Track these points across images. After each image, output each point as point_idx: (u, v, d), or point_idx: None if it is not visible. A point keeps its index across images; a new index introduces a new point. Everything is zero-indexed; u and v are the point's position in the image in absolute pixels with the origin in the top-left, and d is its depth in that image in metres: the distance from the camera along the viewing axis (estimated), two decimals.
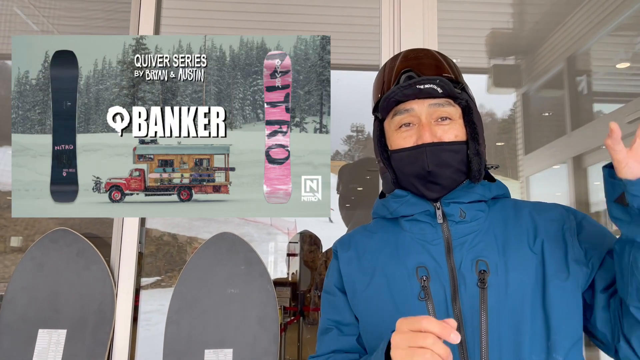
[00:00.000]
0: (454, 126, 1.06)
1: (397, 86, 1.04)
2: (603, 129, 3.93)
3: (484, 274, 0.99)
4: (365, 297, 1.08)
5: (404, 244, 1.09)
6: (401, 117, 1.06)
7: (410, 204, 1.09)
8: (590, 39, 3.80)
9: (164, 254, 6.92)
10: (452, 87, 1.04)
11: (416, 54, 1.11)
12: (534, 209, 1.09)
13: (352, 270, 1.12)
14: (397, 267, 1.06)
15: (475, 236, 1.05)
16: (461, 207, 1.06)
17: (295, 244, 4.71)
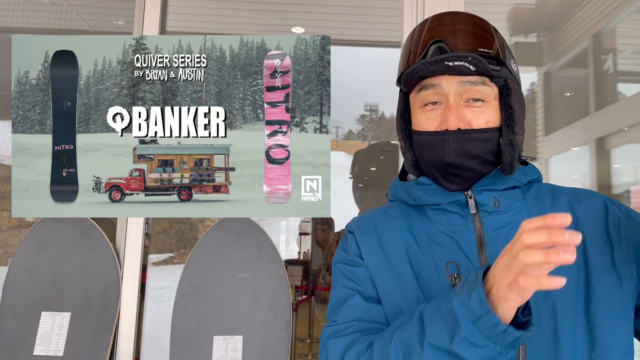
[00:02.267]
0: (487, 109, 0.91)
1: (422, 61, 0.90)
2: (628, 111, 3.81)
3: None
4: (390, 291, 0.96)
5: (431, 236, 0.96)
6: (427, 92, 0.92)
7: (436, 193, 0.96)
8: (617, 16, 3.67)
9: (176, 232, 6.93)
10: (487, 65, 0.88)
11: (451, 18, 0.94)
12: (574, 196, 0.96)
13: (375, 259, 0.99)
14: (424, 262, 0.94)
15: (510, 229, 0.92)
16: (495, 195, 0.93)
17: (307, 223, 4.70)
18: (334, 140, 10.15)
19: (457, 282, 0.91)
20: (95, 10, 3.41)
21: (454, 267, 0.92)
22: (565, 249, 0.64)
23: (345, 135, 8.80)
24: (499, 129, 0.92)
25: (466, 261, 0.92)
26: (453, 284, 0.91)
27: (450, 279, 0.91)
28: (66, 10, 3.34)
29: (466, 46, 0.90)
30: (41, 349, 1.75)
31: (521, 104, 0.94)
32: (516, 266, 0.67)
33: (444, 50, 0.90)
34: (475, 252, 0.92)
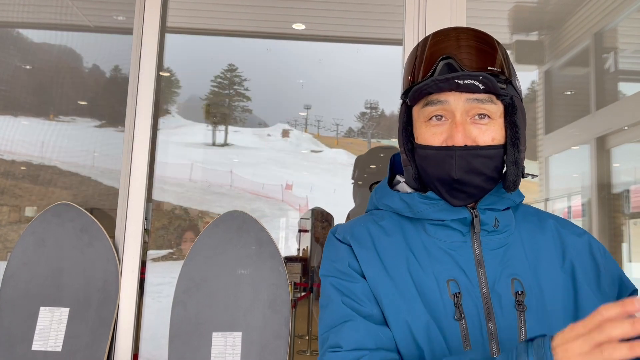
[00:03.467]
0: (493, 127, 0.91)
1: (432, 78, 0.89)
2: (629, 110, 3.80)
3: (521, 295, 0.89)
4: (397, 310, 0.91)
5: (429, 251, 0.94)
6: (433, 108, 0.91)
7: (442, 209, 0.94)
8: (619, 15, 3.66)
9: (175, 228, 6.92)
10: (496, 84, 0.88)
11: (458, 34, 0.93)
12: (558, 221, 1.00)
13: (377, 276, 0.94)
14: (426, 279, 0.92)
15: (506, 250, 0.93)
16: (496, 215, 0.94)
17: (307, 220, 4.70)
18: (334, 138, 10.14)
19: (459, 302, 0.89)
20: (95, 5, 3.40)
21: (454, 285, 0.91)
22: None
23: (346, 132, 8.79)
24: (504, 147, 0.92)
25: (465, 279, 0.91)
26: (457, 303, 0.89)
27: (452, 297, 0.90)
28: (66, 5, 3.33)
29: (475, 64, 0.89)
30: (40, 344, 1.75)
31: (524, 122, 0.95)
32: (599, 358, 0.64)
33: (453, 67, 0.89)
34: (474, 271, 0.92)
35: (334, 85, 4.88)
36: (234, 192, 8.52)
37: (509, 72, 0.92)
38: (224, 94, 7.45)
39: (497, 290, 0.90)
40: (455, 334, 0.89)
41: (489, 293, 0.90)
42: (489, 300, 0.89)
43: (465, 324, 0.88)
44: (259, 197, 8.97)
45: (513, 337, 0.87)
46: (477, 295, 0.90)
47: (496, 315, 0.88)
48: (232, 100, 7.50)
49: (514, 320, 0.88)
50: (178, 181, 6.73)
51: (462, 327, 0.89)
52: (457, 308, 0.89)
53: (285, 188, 8.19)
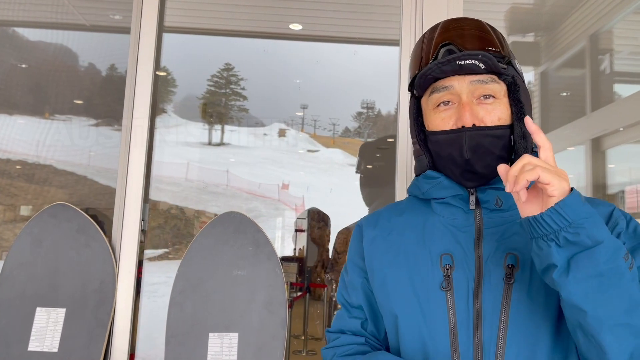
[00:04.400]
0: (498, 106, 0.95)
1: (435, 62, 0.93)
2: (624, 111, 3.82)
3: (512, 268, 0.91)
4: (385, 279, 1.02)
5: (432, 228, 1.01)
6: (439, 94, 0.96)
7: (442, 187, 1.00)
8: (614, 17, 3.67)
9: (172, 227, 6.91)
10: (497, 63, 0.92)
11: (458, 23, 0.99)
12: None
13: (375, 249, 1.06)
14: (421, 252, 1.00)
15: (510, 226, 0.96)
16: (499, 194, 0.96)
17: (303, 220, 4.70)
18: (330, 137, 10.12)
19: (449, 273, 0.95)
20: (92, 4, 3.39)
21: (448, 258, 0.96)
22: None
23: (342, 132, 8.78)
24: (510, 127, 0.95)
25: (461, 253, 0.96)
26: (446, 275, 0.95)
27: (442, 269, 0.96)
28: (62, 3, 3.32)
29: (475, 46, 0.94)
30: (36, 345, 1.75)
31: (528, 99, 0.98)
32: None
33: (453, 51, 0.94)
34: (472, 246, 0.96)
35: (331, 85, 4.88)
36: (230, 192, 8.52)
37: (508, 53, 0.97)
38: (220, 93, 7.43)
39: (489, 265, 0.93)
40: (440, 303, 0.94)
41: (482, 267, 0.93)
42: (481, 274, 0.93)
43: (451, 295, 0.93)
44: (256, 196, 8.97)
45: (496, 308, 0.90)
46: (471, 270, 0.94)
47: (484, 289, 0.92)
48: (228, 100, 7.48)
49: (500, 292, 0.91)
50: (174, 180, 6.72)
51: (447, 297, 0.94)
52: (446, 279, 0.94)
53: (281, 188, 8.19)
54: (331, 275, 4.01)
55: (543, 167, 0.77)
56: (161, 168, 2.91)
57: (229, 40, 4.14)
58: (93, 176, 3.46)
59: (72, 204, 1.93)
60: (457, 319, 0.92)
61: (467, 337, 0.90)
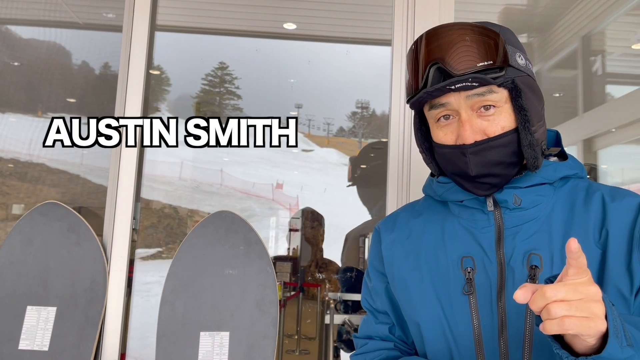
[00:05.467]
0: (500, 115, 0.90)
1: (424, 91, 0.89)
2: (616, 112, 3.84)
3: (535, 269, 0.89)
4: (406, 285, 1.01)
5: (451, 230, 0.99)
6: (437, 111, 0.93)
7: (457, 190, 0.98)
8: (607, 18, 3.69)
9: (165, 227, 6.89)
10: (489, 79, 0.87)
11: (444, 37, 0.90)
12: (609, 193, 0.94)
13: (395, 254, 1.05)
14: (441, 255, 0.98)
15: (531, 225, 0.93)
16: (516, 192, 0.93)
17: (297, 220, 4.69)
18: (324, 137, 10.12)
19: (471, 276, 0.93)
20: (84, 2, 3.38)
21: (469, 261, 0.94)
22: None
23: (337, 132, 8.79)
24: (516, 130, 0.91)
25: (482, 255, 0.94)
26: (467, 278, 0.93)
27: (464, 272, 0.94)
28: (56, 1, 3.31)
29: (465, 65, 0.87)
30: (26, 344, 1.74)
31: (535, 96, 0.93)
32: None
33: (443, 71, 0.88)
34: (493, 248, 0.94)
35: (325, 84, 4.89)
36: (224, 191, 8.49)
37: (506, 55, 0.90)
38: (214, 92, 7.41)
39: (512, 266, 0.91)
40: (463, 307, 0.92)
41: (505, 268, 0.91)
42: (503, 275, 0.91)
43: (474, 298, 0.92)
44: (249, 196, 8.95)
45: (520, 312, 0.88)
46: (493, 271, 0.92)
47: (507, 290, 0.90)
48: (222, 99, 7.47)
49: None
50: (168, 180, 6.69)
51: (471, 301, 0.92)
52: (468, 283, 0.92)
53: (275, 187, 8.17)
54: (324, 275, 4.02)
55: (571, 312, 0.65)
56: (154, 167, 2.91)
57: (223, 39, 4.13)
58: (86, 175, 3.44)
59: (64, 202, 1.92)
60: (482, 323, 0.90)
61: (492, 341, 0.89)
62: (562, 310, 0.65)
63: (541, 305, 0.66)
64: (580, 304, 0.66)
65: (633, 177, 4.12)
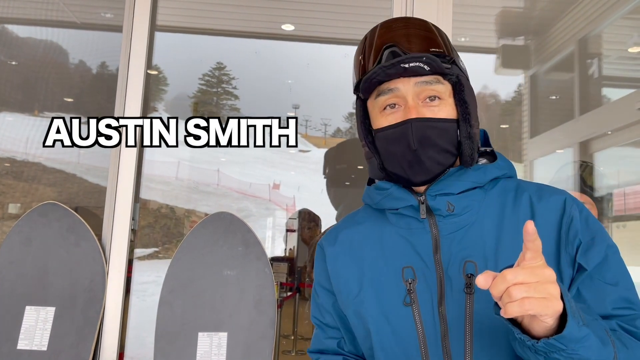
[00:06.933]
0: (444, 107, 0.93)
1: (379, 66, 0.91)
2: (612, 115, 3.86)
3: (470, 277, 0.90)
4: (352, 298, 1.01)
5: (390, 240, 0.99)
6: (385, 97, 0.94)
7: (393, 198, 0.98)
8: (603, 21, 3.71)
9: (161, 227, 6.88)
10: (441, 64, 0.91)
11: (400, 23, 0.97)
12: (535, 193, 0.96)
13: (339, 267, 1.05)
14: (382, 266, 0.98)
15: (466, 231, 0.94)
16: (449, 199, 0.94)
17: (294, 220, 4.69)
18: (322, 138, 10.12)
19: (412, 287, 0.93)
20: (83, 1, 3.38)
21: (409, 271, 0.95)
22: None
23: (333, 132, 8.79)
24: (457, 122, 0.94)
25: (422, 264, 0.95)
26: (408, 289, 0.93)
27: (405, 283, 0.94)
28: (54, 1, 3.30)
29: (419, 47, 0.92)
30: (25, 343, 1.74)
31: (473, 99, 0.97)
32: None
33: (397, 54, 0.92)
34: (430, 255, 0.94)
35: (323, 85, 4.89)
36: (220, 191, 8.49)
37: (451, 52, 0.96)
38: (212, 92, 7.40)
39: (449, 274, 0.92)
40: (407, 318, 0.93)
41: (443, 276, 0.92)
42: (442, 284, 0.92)
43: (417, 308, 0.92)
44: (246, 196, 8.95)
45: (460, 319, 0.89)
46: (433, 280, 0.93)
47: (447, 299, 0.91)
48: (220, 99, 7.46)
49: (462, 302, 0.90)
50: (164, 179, 6.68)
51: (413, 311, 0.93)
52: (409, 294, 0.93)
53: (272, 187, 8.17)
54: None
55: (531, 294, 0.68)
56: (152, 167, 2.91)
57: (221, 40, 4.13)
58: (82, 174, 3.43)
59: (61, 202, 1.92)
60: (426, 332, 0.91)
61: (436, 351, 0.90)
62: (521, 292, 0.68)
63: (502, 289, 0.69)
64: (538, 285, 0.69)
65: (629, 179, 4.14)
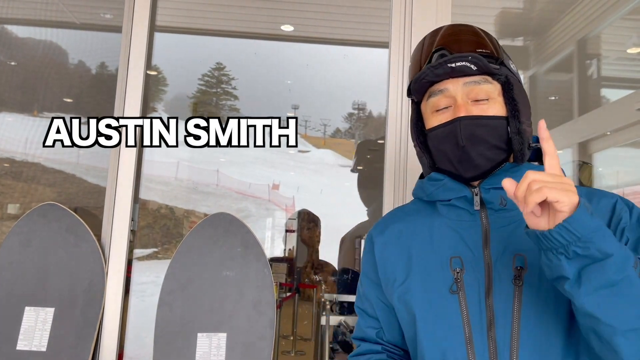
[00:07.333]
0: (493, 105, 0.97)
1: (428, 66, 0.97)
2: (611, 115, 3.87)
3: (520, 270, 0.93)
4: (398, 285, 1.04)
5: (439, 231, 1.03)
6: (436, 98, 1.00)
7: (446, 189, 1.02)
8: (603, 22, 3.71)
9: (161, 227, 6.89)
10: (487, 63, 0.95)
11: (449, 29, 1.02)
12: (586, 195, 0.97)
13: (387, 256, 1.09)
14: (431, 255, 1.01)
15: (516, 227, 0.96)
16: (502, 194, 0.97)
17: (294, 221, 4.70)
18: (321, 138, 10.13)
19: (459, 276, 0.96)
20: (82, 2, 3.38)
21: (457, 261, 0.98)
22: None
23: (333, 133, 8.79)
24: (506, 119, 0.97)
25: (470, 255, 0.98)
26: (456, 278, 0.96)
27: (453, 272, 0.97)
28: (53, 1, 3.30)
29: (467, 48, 0.96)
30: (24, 344, 1.74)
31: (524, 98, 1.00)
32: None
33: (445, 55, 0.97)
34: (480, 247, 0.97)
35: (322, 86, 4.89)
36: (220, 192, 8.50)
37: (500, 54, 0.99)
38: (211, 92, 7.41)
39: (498, 266, 0.95)
40: (453, 305, 0.95)
41: (492, 269, 0.95)
42: (490, 275, 0.94)
43: (463, 296, 0.95)
44: (246, 196, 8.96)
45: (507, 310, 0.91)
46: (481, 271, 0.96)
47: (495, 290, 0.93)
48: (219, 99, 7.47)
49: (511, 294, 0.92)
50: (164, 179, 6.68)
51: (460, 300, 0.95)
52: (456, 282, 0.96)
53: (272, 188, 8.18)
54: (320, 277, 4.02)
55: (549, 185, 0.76)
56: (151, 167, 2.91)
57: (220, 41, 4.13)
58: (82, 174, 3.43)
59: (60, 202, 1.92)
60: (471, 320, 0.93)
61: (481, 338, 0.92)
62: (541, 184, 0.76)
63: (524, 187, 0.77)
64: (556, 180, 0.77)
65: (628, 180, 4.14)
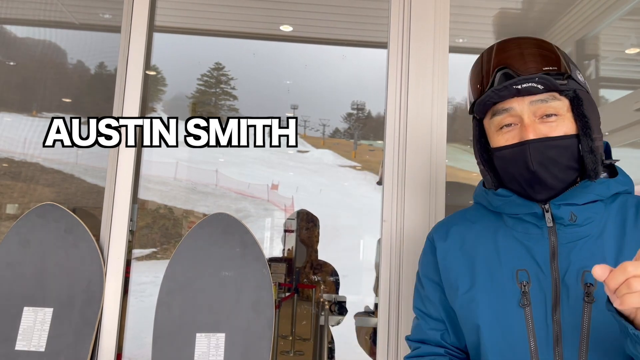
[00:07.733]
0: (562, 122, 0.94)
1: (492, 89, 0.94)
2: (610, 116, 3.87)
3: (590, 287, 0.90)
4: (462, 293, 1.02)
5: (505, 242, 1.01)
6: (501, 117, 0.97)
7: (515, 204, 0.99)
8: (601, 23, 3.71)
9: (160, 227, 6.89)
10: (555, 82, 0.92)
11: (513, 44, 0.97)
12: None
13: (450, 263, 1.07)
14: (496, 266, 1.00)
15: (585, 242, 0.95)
16: (573, 210, 0.95)
17: (292, 221, 4.70)
18: (320, 138, 10.12)
19: (526, 289, 0.95)
20: (81, 2, 3.38)
21: (524, 274, 0.96)
22: None
23: (332, 133, 8.79)
24: (577, 137, 0.94)
25: (537, 270, 0.96)
26: (523, 291, 0.95)
27: (519, 285, 0.96)
28: (52, 2, 3.30)
29: (531, 68, 0.92)
30: (23, 344, 1.74)
31: (594, 111, 0.97)
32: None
33: (510, 75, 0.93)
34: (547, 262, 0.96)
35: (321, 86, 4.89)
36: (219, 192, 8.51)
37: (567, 67, 0.95)
38: (210, 92, 7.41)
39: (566, 282, 0.93)
40: (519, 319, 0.94)
41: (559, 284, 0.93)
42: (558, 290, 0.93)
43: (530, 311, 0.94)
44: (245, 196, 8.97)
45: (576, 327, 0.90)
46: (548, 286, 0.94)
47: (562, 305, 0.92)
48: (218, 99, 7.47)
49: (580, 311, 0.91)
50: (163, 180, 6.69)
51: (527, 313, 0.94)
52: (524, 296, 0.94)
53: (270, 188, 8.18)
54: (319, 277, 4.03)
55: None
56: (150, 167, 2.91)
57: (219, 41, 4.14)
58: (80, 174, 3.44)
59: (58, 202, 1.92)
60: (536, 335, 0.92)
61: (547, 353, 0.91)
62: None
63: (621, 280, 0.70)
64: None
65: None
